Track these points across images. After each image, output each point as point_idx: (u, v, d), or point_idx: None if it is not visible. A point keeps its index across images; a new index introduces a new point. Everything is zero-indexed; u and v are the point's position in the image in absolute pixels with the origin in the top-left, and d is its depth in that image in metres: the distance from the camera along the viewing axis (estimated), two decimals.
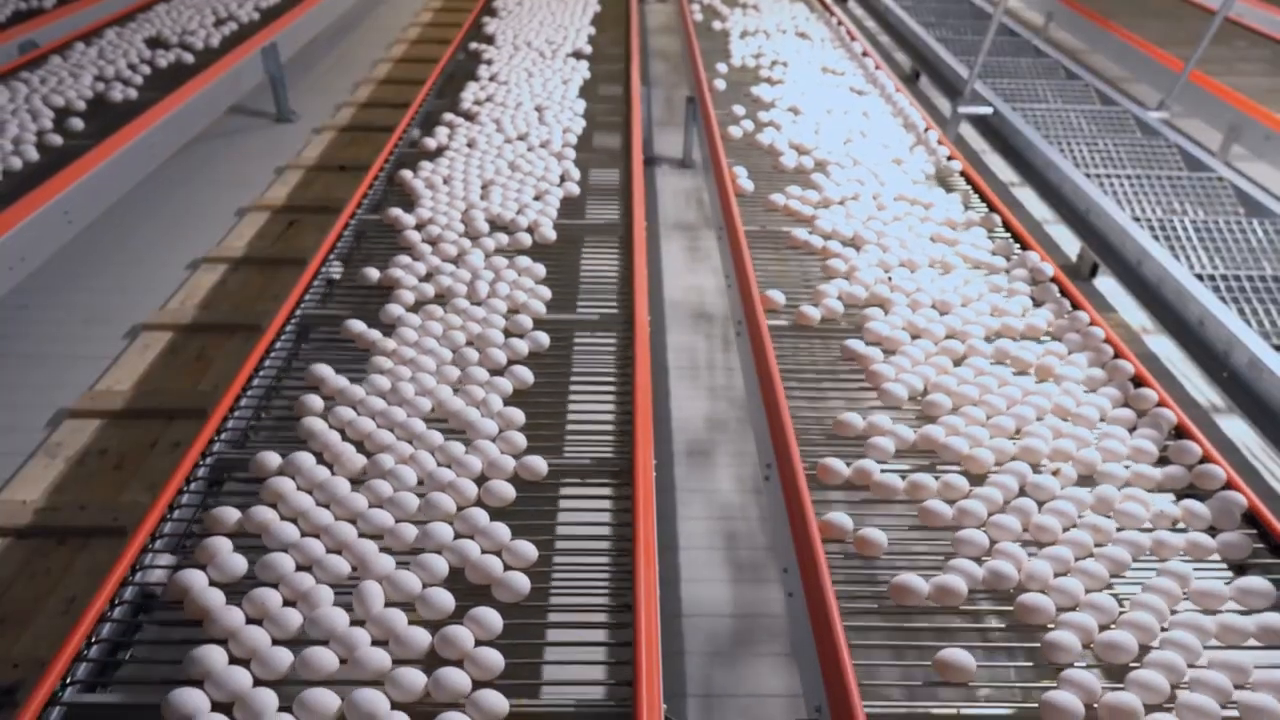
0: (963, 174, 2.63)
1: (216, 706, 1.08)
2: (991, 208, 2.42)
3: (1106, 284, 2.98)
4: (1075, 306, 1.97)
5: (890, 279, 2.06)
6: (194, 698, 1.08)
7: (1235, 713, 1.13)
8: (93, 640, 1.17)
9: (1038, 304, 2.01)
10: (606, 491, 1.46)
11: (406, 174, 2.45)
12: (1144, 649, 1.21)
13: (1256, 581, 1.30)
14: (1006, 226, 2.33)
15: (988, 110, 3.56)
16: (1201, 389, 2.57)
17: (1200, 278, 2.35)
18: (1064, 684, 1.15)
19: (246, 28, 4.06)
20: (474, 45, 3.67)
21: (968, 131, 3.99)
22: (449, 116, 2.86)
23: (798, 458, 1.47)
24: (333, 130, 4.24)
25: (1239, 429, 2.41)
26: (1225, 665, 1.18)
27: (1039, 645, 1.22)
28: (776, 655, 1.84)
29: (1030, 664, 1.21)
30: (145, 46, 3.59)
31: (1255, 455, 2.36)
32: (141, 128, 2.96)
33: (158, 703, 1.07)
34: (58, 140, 2.75)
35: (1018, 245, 2.25)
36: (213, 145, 4.02)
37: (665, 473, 2.30)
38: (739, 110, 3.04)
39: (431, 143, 2.67)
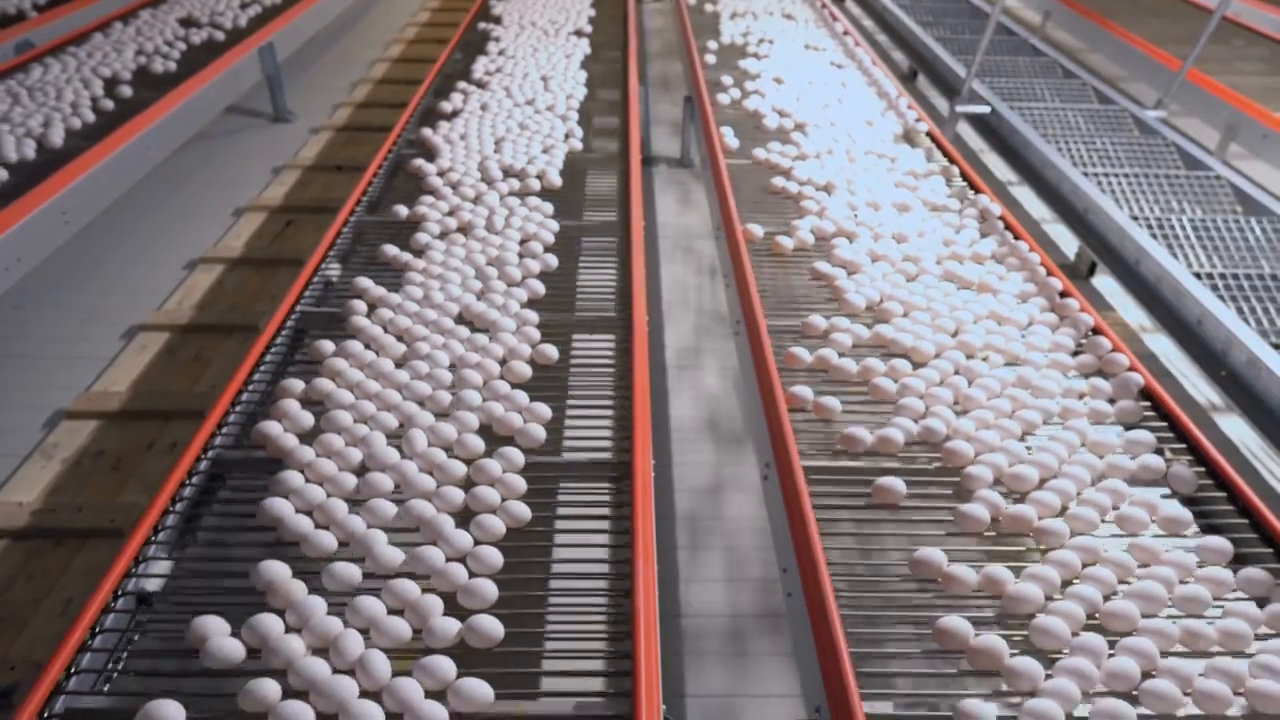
0: (928, 134, 2.91)
1: (298, 511, 1.36)
2: (951, 160, 2.71)
3: (1105, 283, 2.91)
4: (1017, 238, 2.25)
5: (856, 216, 2.35)
6: (281, 505, 1.36)
7: (1113, 521, 1.42)
8: (89, 642, 1.17)
9: (984, 236, 2.30)
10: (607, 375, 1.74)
11: (427, 131, 2.73)
12: (1044, 482, 1.50)
13: (1142, 434, 1.59)
14: (964, 177, 2.62)
15: (985, 109, 3.54)
16: (1200, 388, 2.55)
17: (1198, 276, 2.33)
18: (975, 500, 1.44)
19: (270, 10, 4.34)
20: (482, 25, 3.96)
21: (965, 130, 3.93)
22: (463, 85, 3.15)
23: (796, 459, 1.48)
24: (330, 130, 4.27)
25: (1238, 428, 2.40)
26: (1109, 490, 1.47)
27: (959, 479, 1.50)
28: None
29: (950, 492, 1.50)
30: (179, 25, 3.88)
31: (1254, 454, 2.35)
32: (139, 128, 2.95)
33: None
34: (110, 105, 3.03)
35: (971, 191, 2.53)
36: (210, 145, 4.03)
37: (663, 465, 2.36)
38: (727, 80, 3.32)
39: (448, 106, 2.96)
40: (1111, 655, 1.19)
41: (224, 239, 3.32)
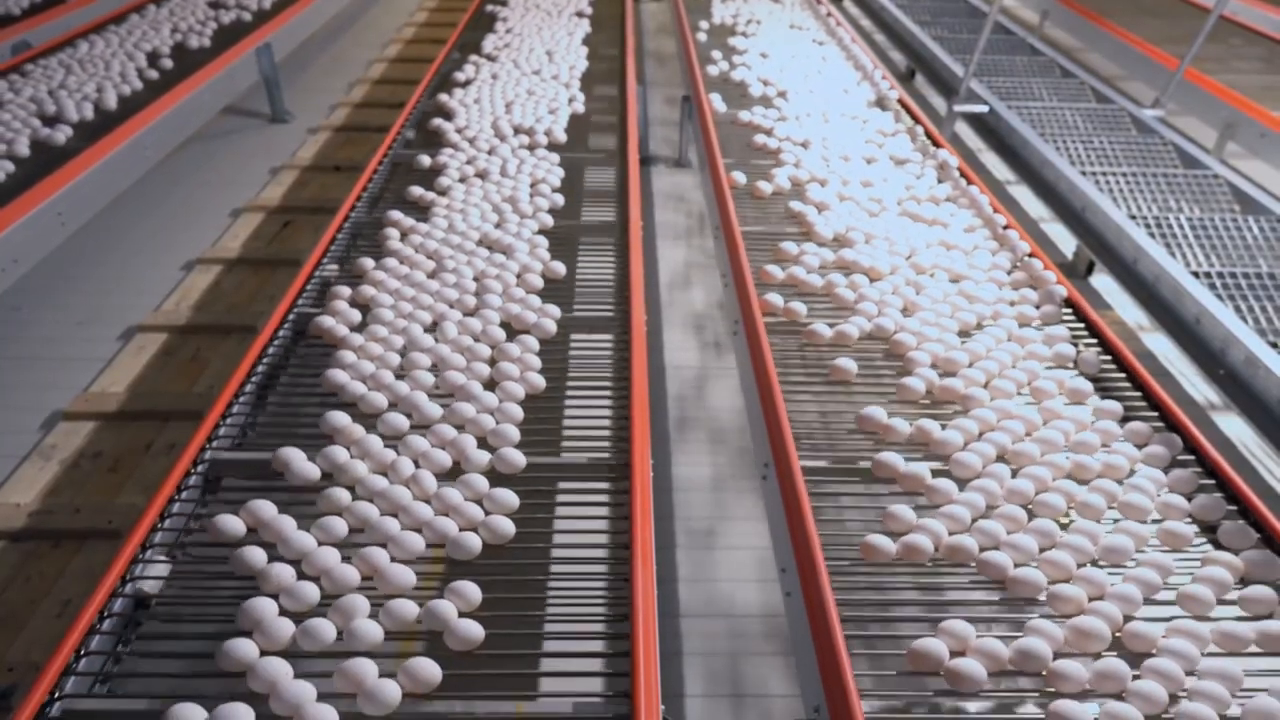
0: (900, 101, 3.21)
1: (354, 379, 1.66)
2: (915, 121, 3.01)
3: (1103, 282, 2.93)
4: (969, 183, 2.55)
5: (828, 165, 2.64)
6: (340, 375, 1.65)
7: (1028, 393, 1.72)
8: (87, 644, 1.16)
9: (941, 183, 2.59)
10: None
11: (443, 96, 3.02)
12: (973, 363, 1.79)
13: (1059, 329, 1.89)
14: (928, 135, 2.91)
15: (983, 109, 3.57)
16: (1198, 386, 2.58)
17: (1196, 275, 2.34)
18: (913, 375, 1.73)
19: None
20: (490, 7, 4.25)
21: (963, 130, 3.95)
22: (474, 58, 3.44)
23: (795, 459, 1.50)
24: (328, 130, 4.30)
25: (1236, 426, 2.44)
26: (1027, 370, 1.76)
27: (902, 363, 1.80)
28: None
29: (894, 373, 1.79)
30: (208, 7, 4.18)
31: (1252, 452, 2.37)
32: (136, 128, 2.95)
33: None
34: (154, 75, 3.32)
35: (933, 146, 2.83)
36: (207, 146, 4.06)
37: (660, 432, 2.49)
38: (717, 55, 3.62)
39: (461, 76, 3.25)
40: (1013, 478, 1.48)
41: (222, 239, 3.34)
